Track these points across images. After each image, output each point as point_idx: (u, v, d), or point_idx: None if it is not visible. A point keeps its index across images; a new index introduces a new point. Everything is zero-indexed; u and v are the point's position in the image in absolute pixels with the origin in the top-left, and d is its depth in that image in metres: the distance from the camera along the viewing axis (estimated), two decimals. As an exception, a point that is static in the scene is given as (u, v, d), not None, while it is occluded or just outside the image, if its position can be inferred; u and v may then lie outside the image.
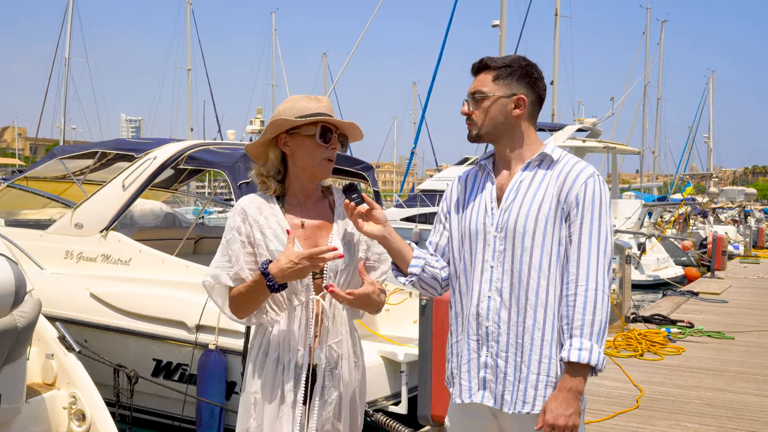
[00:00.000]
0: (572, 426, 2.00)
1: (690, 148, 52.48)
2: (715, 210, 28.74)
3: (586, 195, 2.06)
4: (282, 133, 2.26)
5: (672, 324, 8.40)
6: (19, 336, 3.12)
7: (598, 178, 2.09)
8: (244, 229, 2.25)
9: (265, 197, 2.30)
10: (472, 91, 2.18)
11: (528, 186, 2.12)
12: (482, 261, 2.14)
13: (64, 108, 40.72)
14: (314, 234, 2.29)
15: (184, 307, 5.02)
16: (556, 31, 27.77)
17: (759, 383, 5.90)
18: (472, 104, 2.18)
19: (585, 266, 2.03)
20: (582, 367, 2.00)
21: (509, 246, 2.10)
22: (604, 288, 2.03)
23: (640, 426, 4.75)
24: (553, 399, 2.03)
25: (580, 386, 2.01)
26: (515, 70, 2.16)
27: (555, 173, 2.11)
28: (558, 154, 2.14)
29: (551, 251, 2.08)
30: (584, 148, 19.42)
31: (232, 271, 2.22)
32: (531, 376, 2.08)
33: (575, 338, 2.01)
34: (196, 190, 31.84)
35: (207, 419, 4.71)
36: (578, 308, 2.02)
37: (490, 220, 2.14)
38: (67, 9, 39.96)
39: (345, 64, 17.48)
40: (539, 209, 2.08)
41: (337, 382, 2.27)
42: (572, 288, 2.04)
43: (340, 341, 2.28)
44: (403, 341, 5.35)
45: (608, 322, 2.06)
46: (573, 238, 2.06)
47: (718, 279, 14.04)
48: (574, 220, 2.06)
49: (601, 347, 2.00)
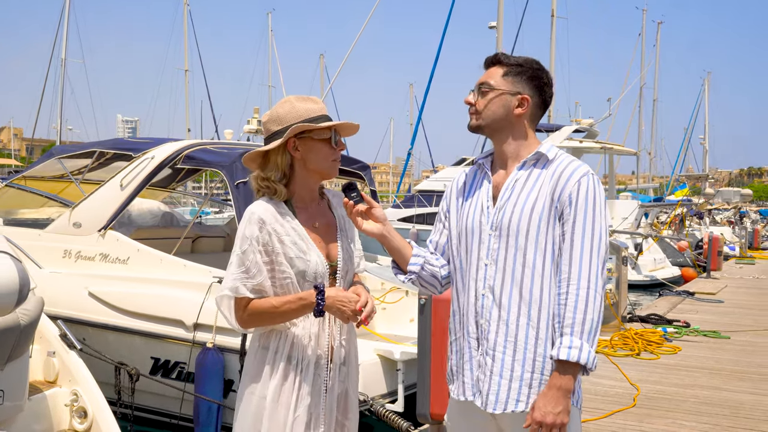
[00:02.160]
0: (560, 424, 1.99)
1: (686, 149, 52.52)
2: (710, 211, 28.83)
3: (579, 194, 2.06)
4: (292, 138, 2.23)
5: (668, 324, 8.44)
6: (21, 334, 3.14)
7: (592, 177, 2.09)
8: (261, 239, 2.18)
9: (275, 203, 2.23)
10: (480, 83, 2.20)
11: (523, 185, 2.13)
12: (477, 259, 2.15)
13: (60, 108, 40.62)
14: (326, 235, 2.30)
15: (182, 306, 5.04)
16: (552, 33, 27.80)
17: (754, 382, 5.94)
18: (478, 95, 2.20)
19: (577, 265, 2.03)
20: (572, 366, 1.99)
21: (503, 244, 2.11)
22: (597, 287, 2.02)
23: (637, 424, 4.78)
24: (542, 397, 2.02)
25: (570, 384, 2.00)
26: (525, 71, 2.18)
27: (550, 172, 2.12)
28: (553, 154, 2.15)
29: (545, 250, 2.08)
30: (581, 148, 19.46)
31: (252, 282, 2.16)
32: (525, 374, 2.08)
33: (566, 336, 2.00)
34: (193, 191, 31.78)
35: (205, 417, 4.72)
36: (569, 306, 2.01)
37: (485, 218, 2.16)
38: (64, 9, 39.90)
39: (341, 65, 17.52)
40: (533, 208, 2.08)
41: (345, 378, 2.30)
42: (564, 286, 2.04)
43: (348, 338, 2.32)
44: (399, 339, 5.36)
45: (601, 321, 2.04)
46: (566, 237, 2.06)
47: (713, 279, 14.09)
48: (568, 219, 2.06)
49: (593, 346, 2.00)
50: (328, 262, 2.26)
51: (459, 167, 25.44)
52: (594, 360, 2.00)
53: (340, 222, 2.34)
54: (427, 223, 20.55)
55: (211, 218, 26.18)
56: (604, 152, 20.86)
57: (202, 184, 40.14)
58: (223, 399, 4.75)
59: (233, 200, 5.49)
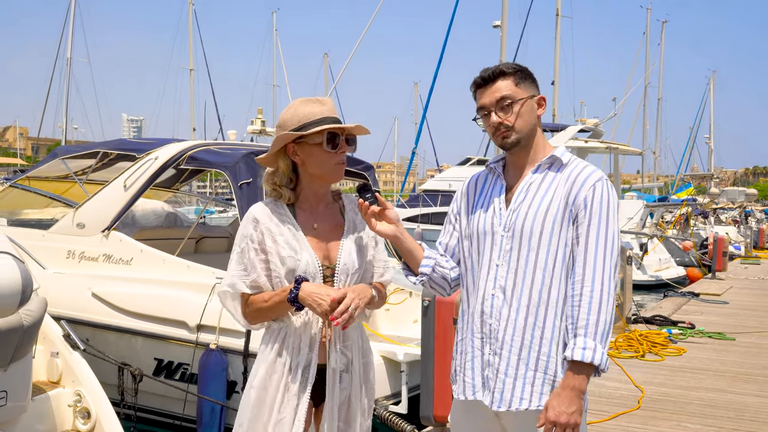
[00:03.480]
0: (573, 424, 2.02)
1: (691, 148, 52.43)
2: (715, 210, 28.74)
3: (594, 198, 2.10)
4: (290, 143, 2.27)
5: (673, 325, 8.41)
6: (25, 334, 3.14)
7: (606, 182, 2.14)
8: (256, 237, 2.25)
9: (275, 204, 2.30)
10: (498, 98, 2.16)
11: (537, 188, 2.16)
12: (489, 260, 2.17)
13: (66, 108, 40.76)
14: (327, 237, 2.31)
15: (185, 307, 5.04)
16: (557, 32, 27.76)
17: (760, 384, 5.91)
18: (501, 112, 2.17)
19: (591, 267, 2.06)
20: (585, 366, 2.02)
21: (516, 245, 2.14)
22: (610, 289, 2.06)
23: (642, 426, 4.76)
24: (555, 396, 2.05)
25: (583, 385, 2.03)
26: (527, 74, 2.21)
27: (564, 176, 2.15)
28: (567, 158, 2.19)
29: (557, 252, 2.11)
30: (586, 148, 19.40)
31: (249, 279, 2.23)
32: (529, 372, 2.11)
33: (579, 337, 2.03)
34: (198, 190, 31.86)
35: (208, 418, 4.72)
36: (583, 308, 2.04)
37: (498, 220, 2.18)
38: (69, 8, 40.03)
39: (345, 65, 17.48)
40: (547, 210, 2.12)
41: (348, 385, 2.29)
42: (578, 288, 2.07)
43: (350, 344, 2.31)
44: (403, 341, 5.35)
45: (612, 323, 2.07)
46: (580, 240, 2.10)
47: (718, 280, 14.04)
48: (582, 222, 2.10)
49: (605, 347, 2.03)
50: (325, 264, 2.27)
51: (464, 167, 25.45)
52: (607, 361, 2.04)
53: (349, 226, 2.35)
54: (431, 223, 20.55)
55: (216, 218, 26.22)
56: (609, 152, 20.78)
57: (207, 184, 40.22)
58: (226, 400, 4.75)
59: (236, 201, 5.48)
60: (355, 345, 2.33)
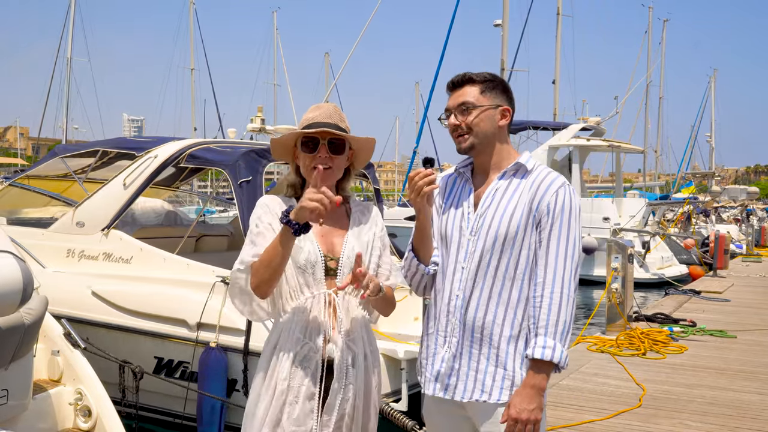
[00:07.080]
0: (534, 420, 2.12)
1: (692, 146, 52.40)
2: (717, 209, 28.69)
3: (557, 204, 2.19)
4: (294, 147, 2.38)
5: (674, 323, 8.40)
6: (25, 333, 3.14)
7: (568, 188, 2.22)
8: (266, 218, 2.31)
9: (285, 198, 2.39)
10: (460, 102, 2.26)
11: (503, 194, 2.25)
12: (455, 262, 2.27)
13: (66, 108, 40.77)
14: (332, 232, 2.35)
15: (185, 305, 5.03)
16: (557, 30, 27.80)
17: (761, 382, 5.90)
18: (460, 116, 2.26)
19: (552, 270, 2.16)
20: (545, 364, 2.13)
21: (479, 248, 2.22)
22: (570, 291, 2.16)
23: (643, 424, 4.75)
24: (517, 394, 2.15)
25: (543, 383, 2.14)
26: (497, 84, 2.29)
27: (528, 182, 2.24)
28: (532, 164, 2.27)
29: (519, 255, 2.20)
30: (588, 146, 19.41)
31: (256, 249, 2.25)
32: (489, 367, 2.22)
33: (540, 337, 2.14)
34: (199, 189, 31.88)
35: (208, 416, 4.72)
36: (543, 309, 2.15)
37: (465, 224, 2.27)
38: (69, 8, 40.00)
39: (344, 63, 17.52)
40: (512, 216, 2.20)
41: (353, 380, 2.30)
42: (539, 290, 2.17)
43: (355, 339, 2.32)
44: (403, 338, 5.35)
45: (572, 322, 2.18)
46: (542, 243, 2.19)
47: (720, 278, 14.03)
48: (545, 227, 2.19)
49: (565, 346, 2.14)
50: (329, 255, 2.31)
51: (464, 166, 25.36)
52: (566, 359, 2.15)
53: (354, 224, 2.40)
54: (432, 222, 20.45)
55: (216, 217, 26.21)
56: (611, 150, 20.82)
57: (208, 183, 40.23)
58: (226, 398, 4.74)
59: (236, 199, 5.48)
60: (360, 342, 2.34)
